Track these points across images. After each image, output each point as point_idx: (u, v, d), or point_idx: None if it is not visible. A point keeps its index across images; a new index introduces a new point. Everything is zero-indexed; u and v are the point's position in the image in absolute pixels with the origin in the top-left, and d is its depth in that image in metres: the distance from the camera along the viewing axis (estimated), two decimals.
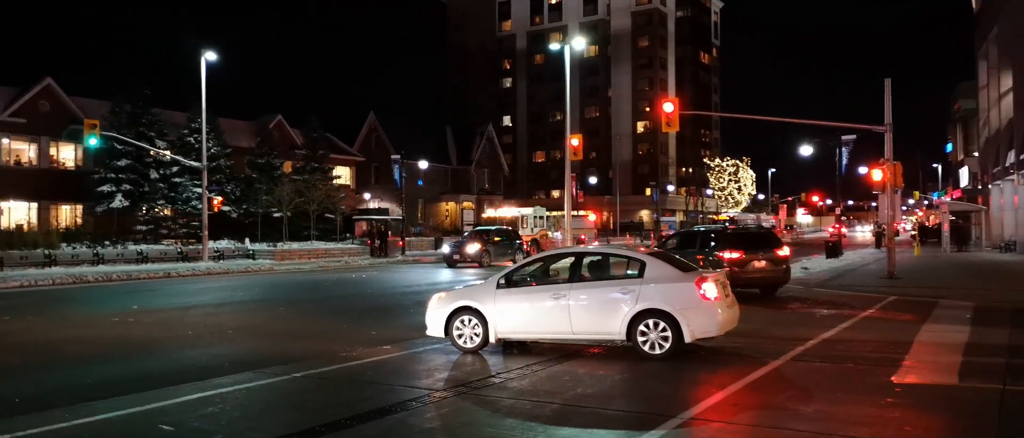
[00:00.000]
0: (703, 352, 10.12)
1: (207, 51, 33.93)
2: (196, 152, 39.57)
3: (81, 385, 8.81)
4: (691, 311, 9.49)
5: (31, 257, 30.67)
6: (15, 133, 41.22)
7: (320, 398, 8.08)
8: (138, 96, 43.12)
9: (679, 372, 9.03)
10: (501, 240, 35.48)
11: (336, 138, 60.29)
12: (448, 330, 10.50)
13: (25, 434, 6.55)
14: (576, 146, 31.17)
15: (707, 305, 9.57)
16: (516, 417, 7.04)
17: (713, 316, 9.59)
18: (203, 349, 11.53)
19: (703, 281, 9.65)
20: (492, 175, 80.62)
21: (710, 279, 9.73)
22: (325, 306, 17.96)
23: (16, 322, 14.99)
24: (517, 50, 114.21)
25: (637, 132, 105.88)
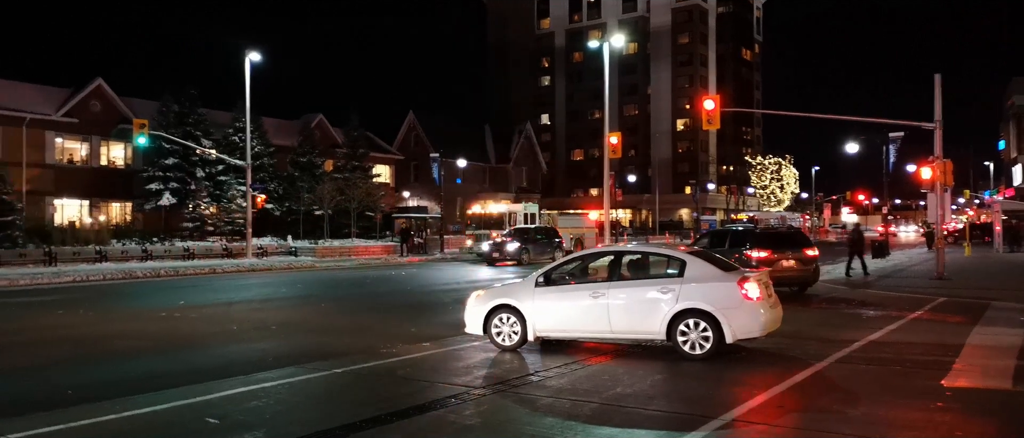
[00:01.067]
0: (744, 353, 9.97)
1: (251, 52, 34.57)
2: (240, 151, 40.35)
3: (131, 378, 9.06)
4: (733, 311, 9.35)
5: (83, 253, 31.65)
6: (68, 132, 42.53)
7: (361, 394, 8.17)
8: (185, 96, 44.14)
9: (720, 373, 8.91)
10: (540, 239, 35.49)
11: (376, 137, 60.92)
12: (486, 328, 10.51)
13: (78, 425, 6.76)
14: (615, 144, 30.97)
15: (750, 305, 9.42)
16: (555, 415, 7.03)
17: (756, 316, 9.45)
18: (248, 344, 11.75)
19: (746, 281, 9.51)
20: (530, 173, 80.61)
21: (753, 279, 9.58)
22: (365, 303, 18.16)
23: (69, 316, 15.48)
24: (556, 48, 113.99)
25: (677, 130, 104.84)
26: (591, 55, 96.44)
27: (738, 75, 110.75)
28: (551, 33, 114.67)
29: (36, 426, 6.67)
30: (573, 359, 9.77)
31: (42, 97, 42.42)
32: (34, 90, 42.90)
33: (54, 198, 41.53)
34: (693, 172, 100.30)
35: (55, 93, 43.48)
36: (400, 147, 64.51)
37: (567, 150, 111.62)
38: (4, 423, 6.75)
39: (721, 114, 24.47)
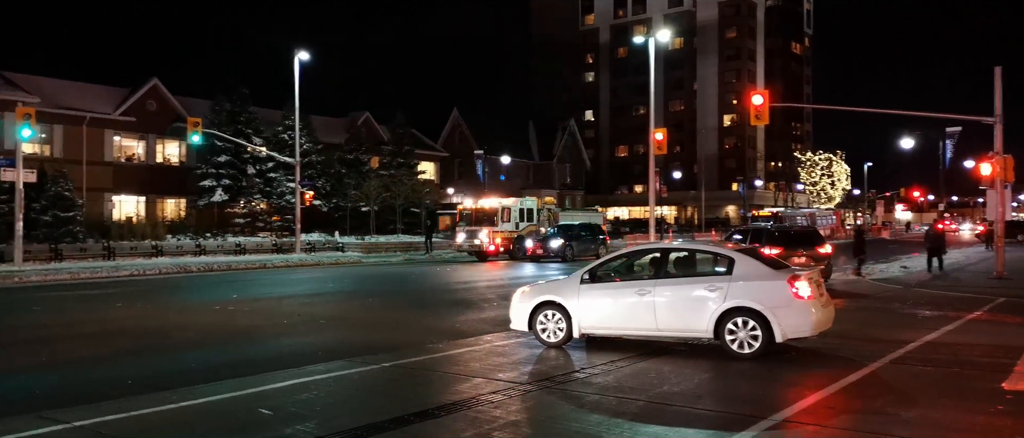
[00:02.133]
0: (794, 352, 9.80)
1: (300, 51, 35.26)
2: (289, 148, 41.17)
3: (188, 369, 9.35)
4: (783, 310, 9.19)
5: (140, 248, 32.71)
6: (125, 131, 43.96)
7: (408, 387, 8.28)
8: (236, 95, 45.21)
9: (770, 372, 8.78)
10: (585, 235, 35.39)
11: (421, 134, 61.48)
12: (532, 324, 10.54)
13: (139, 413, 7.01)
14: (660, 140, 30.69)
15: (800, 304, 9.26)
16: (601, 413, 7.02)
17: (806, 315, 9.28)
18: (298, 337, 12.01)
19: (796, 279, 9.35)
20: (574, 170, 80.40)
21: (804, 277, 9.42)
22: (411, 298, 18.37)
23: (128, 309, 16.02)
24: (600, 44, 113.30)
25: (723, 126, 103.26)
26: (636, 51, 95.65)
27: (787, 69, 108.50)
28: (595, 29, 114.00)
29: (102, 414, 6.94)
30: (619, 356, 9.73)
31: (101, 97, 43.92)
32: (94, 90, 44.44)
33: (112, 194, 42.97)
34: (740, 168, 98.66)
35: (113, 93, 44.95)
36: (445, 144, 64.99)
37: (611, 146, 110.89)
38: (71, 412, 7.04)
39: (770, 109, 24.05)
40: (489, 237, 33.82)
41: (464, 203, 37.79)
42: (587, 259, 29.73)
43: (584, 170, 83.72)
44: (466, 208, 37.24)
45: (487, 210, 35.18)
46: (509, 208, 34.95)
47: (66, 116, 40.52)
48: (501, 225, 34.23)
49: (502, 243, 33.98)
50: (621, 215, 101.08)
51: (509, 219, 34.65)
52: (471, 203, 37.26)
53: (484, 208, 35.44)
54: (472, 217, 35.70)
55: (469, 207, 37.12)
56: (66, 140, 40.76)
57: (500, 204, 35.32)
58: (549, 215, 38.19)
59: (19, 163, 27.61)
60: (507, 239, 34.25)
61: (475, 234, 34.17)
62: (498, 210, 34.77)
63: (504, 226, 34.39)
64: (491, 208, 35.22)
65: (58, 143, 40.49)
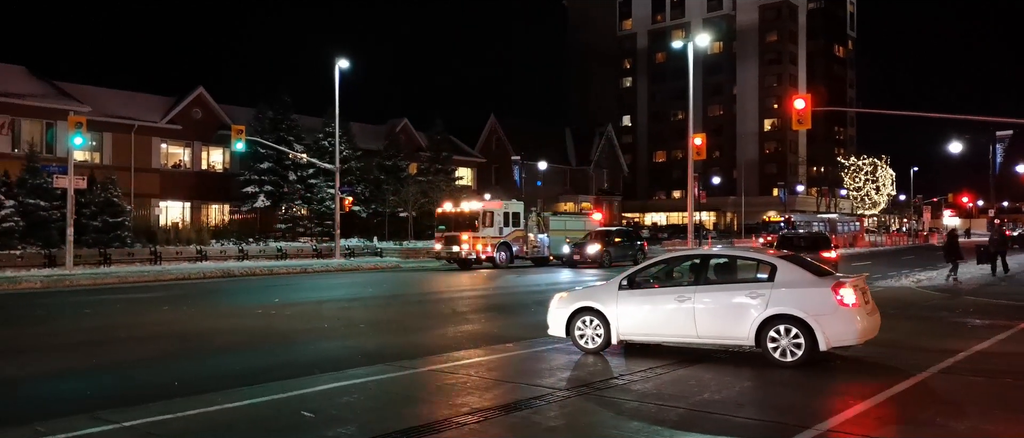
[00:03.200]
0: (839, 361, 9.61)
1: (340, 60, 35.78)
2: (329, 155, 41.77)
3: (232, 372, 9.54)
4: (827, 317, 9.01)
5: (185, 252, 33.49)
6: (172, 138, 45.08)
7: (448, 392, 8.33)
8: (278, 103, 46.04)
9: (813, 381, 8.62)
10: (622, 241, 35.17)
11: (458, 140, 61.83)
12: (569, 330, 10.52)
13: (186, 415, 7.18)
14: (699, 145, 30.39)
15: (845, 312, 9.07)
16: (641, 420, 6.97)
17: (851, 323, 9.08)
18: (338, 341, 12.17)
19: (841, 286, 9.17)
20: (611, 175, 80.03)
21: (848, 284, 9.23)
22: (449, 304, 18.46)
23: (173, 312, 16.41)
24: (638, 49, 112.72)
25: (764, 130, 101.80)
26: (674, 55, 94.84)
27: (830, 73, 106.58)
28: (633, 34, 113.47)
29: (151, 415, 7.12)
30: (658, 363, 9.65)
31: (149, 105, 45.12)
32: (141, 99, 45.68)
33: (159, 200, 44.06)
34: (781, 174, 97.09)
35: (160, 101, 46.15)
36: (482, 150, 65.26)
37: (649, 152, 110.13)
38: (121, 412, 7.23)
39: (812, 114, 23.63)
40: (470, 243, 31.45)
41: (444, 206, 33.91)
42: (624, 265, 29.55)
43: (621, 175, 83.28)
44: (446, 212, 33.44)
45: (469, 214, 32.19)
46: (492, 212, 32.05)
47: (115, 124, 41.71)
48: (483, 230, 31.53)
49: (485, 250, 31.52)
50: (659, 221, 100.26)
51: (492, 224, 31.82)
52: (451, 206, 33.50)
53: (465, 212, 32.42)
54: (452, 221, 32.69)
55: (449, 211, 33.33)
56: (115, 148, 41.96)
57: (483, 207, 32.28)
58: (539, 220, 34.89)
59: (71, 170, 28.51)
60: (491, 245, 31.67)
61: (455, 240, 31.80)
62: (480, 214, 31.80)
63: (487, 231, 31.67)
64: (473, 211, 32.20)
65: (107, 151, 41.69)
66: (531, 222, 34.21)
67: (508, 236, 32.49)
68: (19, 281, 23.60)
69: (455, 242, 31.71)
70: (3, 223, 29.94)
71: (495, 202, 34.05)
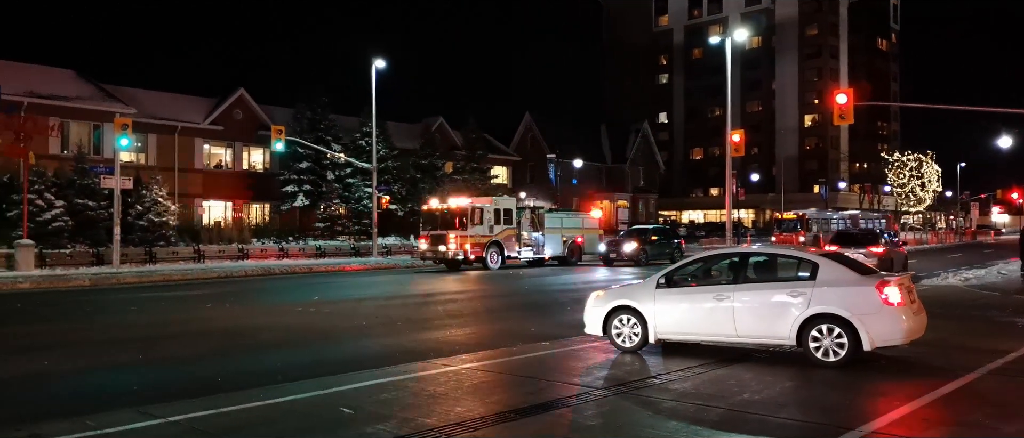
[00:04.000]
0: (883, 361, 9.40)
1: (376, 60, 36.14)
2: (366, 154, 42.22)
3: (273, 368, 9.70)
4: (871, 317, 8.83)
5: (227, 251, 34.17)
6: (214, 139, 45.99)
7: (485, 390, 8.35)
8: (317, 103, 46.67)
9: (856, 381, 8.44)
10: (659, 239, 34.89)
11: (493, 138, 61.97)
12: (606, 328, 10.48)
13: (229, 410, 7.32)
14: (737, 142, 30.03)
15: (890, 311, 8.86)
16: (679, 419, 6.91)
17: (897, 323, 8.88)
18: (376, 339, 12.29)
19: (885, 285, 8.97)
20: (647, 173, 79.42)
21: (893, 283, 9.03)
22: (484, 302, 18.53)
23: (217, 310, 16.74)
24: (674, 45, 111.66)
25: (804, 126, 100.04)
26: (711, 51, 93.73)
27: (872, 67, 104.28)
28: (669, 30, 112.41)
29: (194, 410, 7.27)
30: (696, 362, 9.55)
31: (191, 106, 46.09)
32: (184, 100, 46.68)
33: (202, 200, 45.00)
34: (822, 170, 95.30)
35: (202, 102, 47.11)
36: (517, 148, 65.31)
37: (685, 149, 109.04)
38: (166, 407, 7.41)
39: (854, 108, 23.17)
40: (457, 242, 29.12)
41: (430, 203, 31.43)
42: (661, 264, 29.30)
43: (657, 173, 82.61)
44: (431, 209, 30.92)
45: (456, 211, 29.82)
46: (481, 209, 29.89)
47: (159, 125, 42.69)
48: (472, 228, 29.28)
49: (474, 250, 29.25)
50: (696, 218, 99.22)
51: (481, 221, 29.61)
52: (437, 203, 30.99)
53: (452, 208, 30.00)
54: (438, 219, 30.20)
55: (435, 207, 30.79)
56: (159, 148, 42.95)
57: (471, 204, 30.03)
58: (533, 217, 32.53)
59: (117, 171, 29.27)
60: (479, 245, 29.50)
61: (441, 239, 29.42)
62: (468, 211, 29.51)
63: (476, 230, 29.42)
64: (460, 208, 29.84)
65: (152, 151, 42.70)
66: (524, 219, 31.97)
67: (499, 235, 30.26)
68: (69, 279, 24.33)
69: (441, 241, 29.40)
70: (53, 223, 30.87)
71: (484, 198, 32.23)
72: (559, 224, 33.64)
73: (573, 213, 38.22)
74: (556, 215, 34.76)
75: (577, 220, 35.79)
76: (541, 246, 32.33)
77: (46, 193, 31.34)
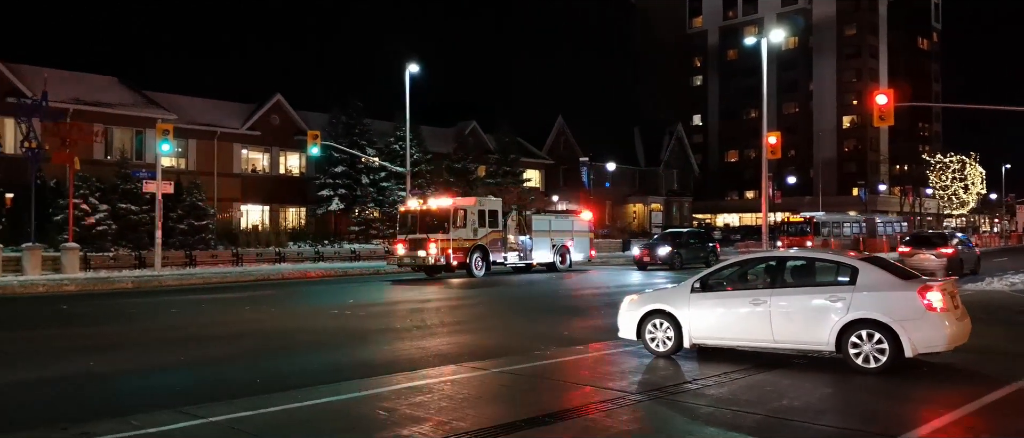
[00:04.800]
0: (925, 368, 9.18)
1: (410, 64, 36.46)
2: (400, 158, 42.56)
3: (309, 370, 9.84)
4: (913, 322, 8.65)
5: (264, 254, 34.71)
6: (252, 144, 46.80)
7: (519, 394, 8.36)
8: (351, 108, 47.24)
9: (898, 388, 8.27)
10: (693, 243, 34.54)
11: (526, 142, 62.02)
12: (640, 333, 10.44)
13: (267, 411, 7.44)
14: (773, 144, 29.64)
15: (932, 316, 8.67)
16: (716, 425, 6.84)
17: (939, 329, 8.68)
18: (411, 341, 12.38)
19: (928, 290, 8.77)
20: (681, 176, 78.76)
21: (936, 287, 8.83)
22: (518, 305, 18.54)
23: (255, 312, 17.03)
24: (708, 46, 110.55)
25: (842, 127, 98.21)
26: (746, 52, 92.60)
27: (913, 66, 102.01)
28: (703, 31, 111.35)
29: (235, 411, 7.41)
30: (733, 368, 9.44)
31: (230, 112, 46.95)
32: (223, 106, 47.57)
33: (240, 204, 45.79)
34: (861, 172, 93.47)
35: (240, 108, 47.96)
36: (549, 151, 65.27)
37: (720, 151, 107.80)
38: (207, 407, 7.56)
39: (894, 109, 22.71)
40: (439, 247, 26.57)
41: (408, 204, 28.87)
42: (696, 268, 29.02)
43: (692, 176, 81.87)
44: (409, 210, 28.34)
45: (437, 212, 27.30)
46: (465, 210, 27.48)
47: (199, 131, 43.56)
48: (454, 232, 26.79)
49: (456, 255, 26.86)
50: (731, 222, 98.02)
51: (465, 224, 27.27)
52: (415, 204, 28.34)
53: (433, 210, 27.47)
54: (416, 221, 27.59)
55: (413, 209, 28.19)
56: (199, 153, 43.82)
57: (454, 205, 27.50)
58: (519, 219, 30.46)
59: (159, 176, 29.94)
60: (462, 249, 27.06)
61: (421, 243, 26.88)
62: (450, 212, 26.99)
63: (459, 233, 27.00)
64: (442, 210, 27.28)
65: (192, 156, 43.59)
66: (510, 222, 29.78)
67: (484, 238, 27.88)
68: (112, 281, 24.94)
69: (420, 246, 26.79)
70: (97, 226, 31.68)
71: (467, 198, 29.75)
72: (547, 227, 31.41)
73: (563, 215, 34.98)
74: (544, 217, 32.45)
75: (567, 222, 33.02)
76: (529, 251, 30.19)
77: (91, 197, 32.18)
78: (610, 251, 47.02)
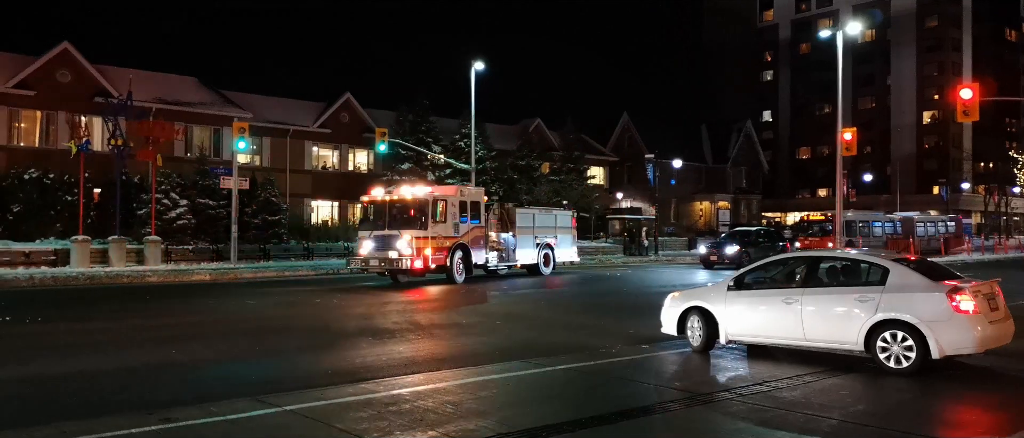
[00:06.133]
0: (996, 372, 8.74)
1: (475, 62, 36.71)
2: (465, 155, 42.94)
3: (376, 363, 10.05)
4: (941, 324, 8.58)
5: (334, 248, 35.57)
6: (322, 142, 48.01)
7: (583, 392, 8.35)
8: (418, 105, 47.91)
9: (988, 395, 7.92)
10: (763, 242, 33.72)
11: (590, 139, 61.69)
12: (681, 328, 10.85)
13: (338, 402, 7.67)
14: (849, 140, 28.63)
15: (962, 318, 8.55)
16: (788, 429, 6.67)
17: (969, 331, 8.53)
18: (475, 337, 12.50)
19: (958, 292, 8.64)
20: (750, 173, 76.97)
21: (967, 290, 8.68)
22: (582, 302, 18.47)
23: (324, 305, 17.46)
24: (780, 41, 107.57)
25: (922, 123, 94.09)
26: (820, 46, 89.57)
27: (1000, 59, 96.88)
28: (774, 25, 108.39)
29: (307, 400, 7.64)
30: (806, 370, 9.19)
31: (301, 110, 48.28)
32: (295, 105, 48.95)
33: (311, 200, 47.05)
34: (943, 170, 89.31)
35: (312, 107, 49.26)
36: (614, 148, 64.74)
37: (791, 148, 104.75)
38: (282, 396, 7.82)
39: (979, 104, 21.65)
40: (415, 247, 21.68)
41: (373, 193, 23.62)
42: None
43: (761, 173, 79.88)
44: (375, 200, 23.30)
45: (412, 203, 22.42)
46: (445, 201, 22.80)
47: (272, 129, 44.95)
48: (433, 227, 22.13)
49: (436, 256, 22.13)
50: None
51: (445, 218, 22.66)
52: (382, 193, 23.20)
53: (407, 200, 22.54)
54: (385, 214, 22.68)
55: (379, 199, 23.09)
56: (272, 150, 45.23)
57: (432, 194, 22.63)
58: (501, 213, 26.57)
59: (235, 172, 31.03)
60: (443, 249, 22.45)
61: (390, 241, 22.02)
62: (428, 204, 22.18)
63: (438, 229, 22.34)
64: (417, 200, 22.37)
65: (266, 153, 45.01)
66: (491, 217, 25.69)
67: (465, 236, 23.42)
68: (191, 273, 26.01)
69: (389, 245, 21.97)
70: (178, 221, 33.07)
71: (447, 187, 25.56)
72: (531, 223, 27.20)
73: (546, 210, 30.58)
74: (527, 212, 28.23)
75: (550, 218, 28.89)
76: (512, 251, 25.93)
77: (172, 193, 33.61)
78: (676, 249, 46.38)
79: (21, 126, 37.16)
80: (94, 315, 15.66)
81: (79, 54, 38.01)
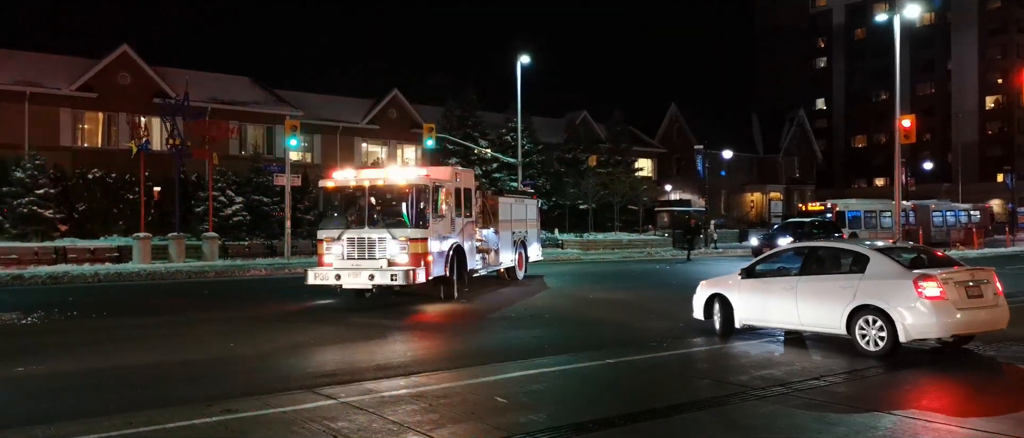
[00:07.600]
0: None
1: (521, 56, 36.70)
2: (512, 149, 43.01)
3: (429, 356, 10.22)
4: (907, 310, 9.11)
5: None
6: (371, 138, 48.67)
7: (635, 386, 8.30)
8: (465, 100, 48.16)
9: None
10: (817, 233, 32.91)
11: (638, 130, 61.11)
12: (708, 313, 11.57)
13: (391, 394, 7.80)
14: (907, 127, 27.75)
15: (926, 304, 9.04)
16: (847, 426, 6.52)
17: (933, 316, 9.01)
18: (525, 331, 12.53)
19: (927, 279, 9.11)
20: (803, 163, 75.25)
21: (936, 278, 9.11)
22: (632, 295, 18.32)
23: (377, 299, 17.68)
24: (833, 26, 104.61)
25: (985, 109, 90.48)
26: (876, 31, 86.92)
27: None
28: (828, 10, 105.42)
29: (360, 394, 7.79)
30: (864, 366, 8.98)
31: (350, 108, 49.01)
32: (344, 102, 49.72)
33: None
34: (1007, 157, 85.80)
35: (360, 104, 49.95)
36: (662, 140, 63.99)
37: (846, 137, 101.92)
38: (337, 389, 7.98)
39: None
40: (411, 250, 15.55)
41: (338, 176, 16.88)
42: None
43: (814, 163, 78.00)
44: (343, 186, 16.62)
45: (399, 191, 16.15)
46: (439, 187, 16.47)
47: (323, 126, 45.74)
48: (434, 224, 16.17)
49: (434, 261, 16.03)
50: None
51: (446, 211, 16.71)
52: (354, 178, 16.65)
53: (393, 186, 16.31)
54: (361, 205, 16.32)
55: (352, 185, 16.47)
56: (323, 147, 46.04)
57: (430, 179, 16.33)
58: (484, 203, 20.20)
59: (288, 169, 31.67)
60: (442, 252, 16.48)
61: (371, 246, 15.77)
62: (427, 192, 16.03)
63: (439, 226, 16.37)
64: (404, 187, 15.99)
65: (317, 150, 45.85)
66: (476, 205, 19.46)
67: (462, 233, 17.81)
68: (247, 268, 26.67)
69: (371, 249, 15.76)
70: (234, 217, 33.93)
71: (441, 169, 18.99)
72: (509, 216, 21.57)
73: (519, 199, 23.54)
74: (505, 200, 21.81)
75: (522, 209, 23.01)
76: (495, 251, 20.17)
77: (227, 190, 34.49)
78: (727, 242, 45.61)
79: (85, 127, 38.61)
80: (155, 311, 16.18)
81: (138, 56, 39.28)
